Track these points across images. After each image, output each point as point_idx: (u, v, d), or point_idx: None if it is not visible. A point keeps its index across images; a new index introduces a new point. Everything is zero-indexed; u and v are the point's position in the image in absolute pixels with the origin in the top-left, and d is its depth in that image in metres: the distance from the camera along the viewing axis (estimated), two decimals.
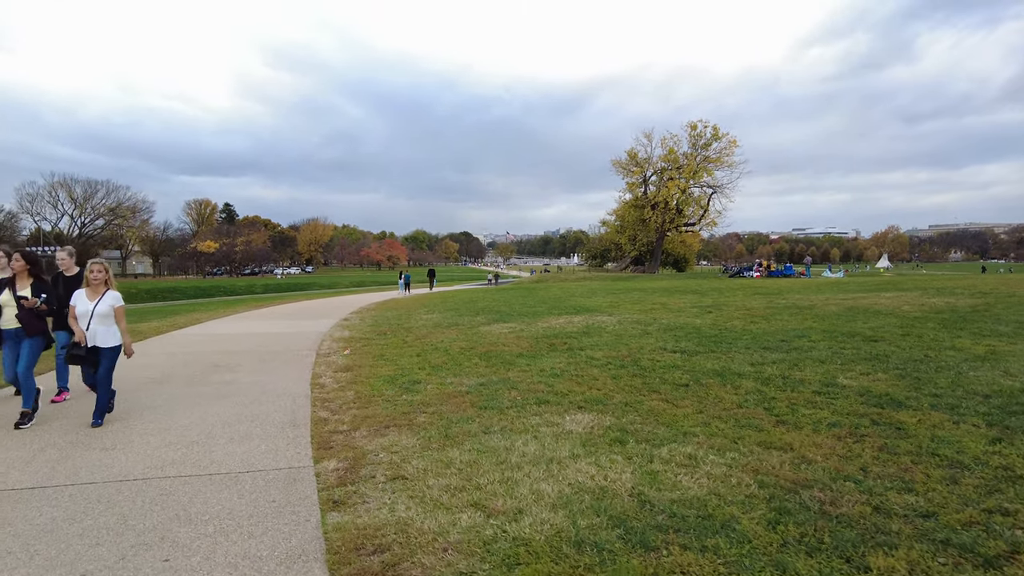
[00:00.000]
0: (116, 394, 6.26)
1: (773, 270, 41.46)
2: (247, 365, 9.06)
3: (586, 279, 43.87)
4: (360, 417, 5.72)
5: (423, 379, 7.44)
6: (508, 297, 24.36)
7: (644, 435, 4.75)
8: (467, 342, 10.70)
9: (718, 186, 52.88)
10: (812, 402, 5.64)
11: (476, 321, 14.57)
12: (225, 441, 5.09)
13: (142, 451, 4.85)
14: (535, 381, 6.98)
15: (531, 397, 6.20)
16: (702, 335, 10.39)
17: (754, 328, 11.16)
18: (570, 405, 5.83)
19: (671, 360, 8.07)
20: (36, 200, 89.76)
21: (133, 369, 8.73)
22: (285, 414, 6.04)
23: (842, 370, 7.03)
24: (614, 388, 6.51)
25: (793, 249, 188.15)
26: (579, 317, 14.08)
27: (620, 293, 22.83)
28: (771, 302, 16.82)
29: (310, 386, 7.48)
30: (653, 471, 3.96)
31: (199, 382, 7.75)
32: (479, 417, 5.47)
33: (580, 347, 9.47)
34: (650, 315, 14.15)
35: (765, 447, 4.38)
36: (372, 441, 4.92)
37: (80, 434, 5.37)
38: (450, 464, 4.21)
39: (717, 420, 5.15)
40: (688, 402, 5.82)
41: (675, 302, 17.85)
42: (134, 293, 50.65)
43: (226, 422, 5.74)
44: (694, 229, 56.71)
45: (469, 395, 6.40)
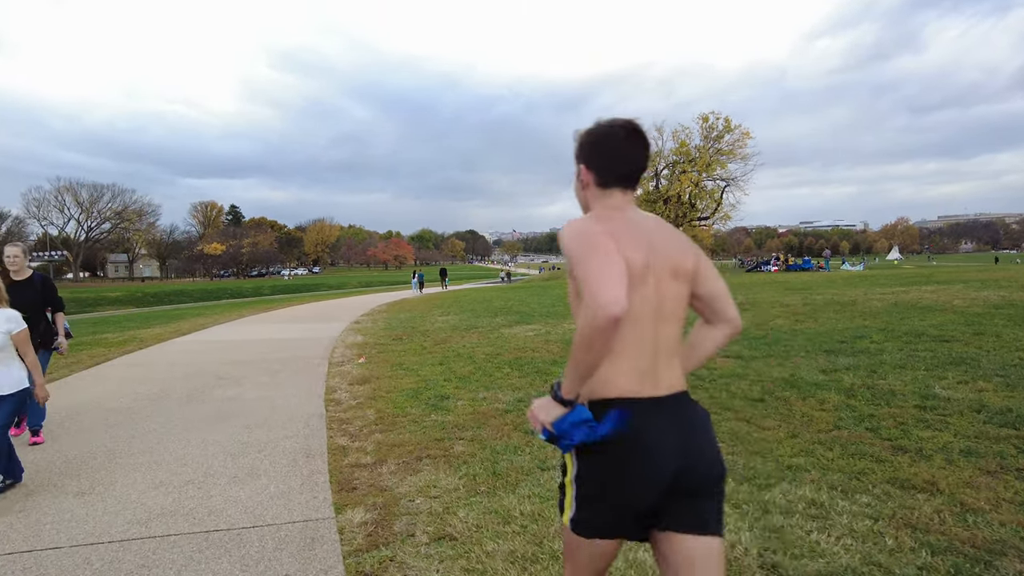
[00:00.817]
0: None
1: (791, 264, 40.41)
2: (253, 377, 8.21)
3: None
4: (385, 445, 4.84)
5: (451, 393, 6.56)
6: (523, 296, 23.48)
7: (741, 472, 3.85)
8: (492, 347, 9.82)
9: (731, 179, 51.67)
10: (922, 420, 4.73)
11: (496, 323, 13.69)
12: (227, 481, 4.23)
13: (124, 496, 3.98)
14: None
15: None
16: (750, 336, 9.48)
17: (803, 328, 10.24)
18: None
19: (729, 367, 7.16)
20: (43, 205, 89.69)
21: (129, 383, 7.90)
22: (297, 440, 5.17)
23: (932, 377, 6.12)
24: None
25: (802, 243, 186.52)
26: None
27: None
28: (806, 298, 15.88)
29: (324, 403, 6.62)
30: (776, 527, 3.06)
31: (199, 398, 6.90)
32: (529, 446, 4.58)
33: None
34: None
35: (902, 487, 3.48)
36: (404, 480, 4.04)
37: (52, 473, 4.51)
38: (509, 518, 3.33)
39: (820, 447, 4.25)
40: (772, 422, 4.92)
41: None
42: (140, 297, 50.03)
43: (228, 452, 4.87)
44: (708, 223, 55.52)
45: (509, 415, 5.52)
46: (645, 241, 1.56)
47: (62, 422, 6.02)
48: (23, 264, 5.42)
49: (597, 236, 1.49)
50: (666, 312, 1.57)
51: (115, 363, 9.87)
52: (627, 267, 1.46)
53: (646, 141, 1.69)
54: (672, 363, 1.59)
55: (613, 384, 1.52)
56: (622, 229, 1.56)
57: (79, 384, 8.06)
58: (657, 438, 1.49)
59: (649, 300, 1.54)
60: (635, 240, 1.55)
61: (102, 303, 45.94)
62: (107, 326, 18.47)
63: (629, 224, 1.59)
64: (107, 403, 6.80)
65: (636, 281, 1.50)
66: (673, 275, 1.59)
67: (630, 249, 1.51)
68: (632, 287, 1.46)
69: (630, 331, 1.51)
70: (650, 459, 1.48)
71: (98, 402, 6.85)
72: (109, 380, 8.27)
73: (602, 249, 1.45)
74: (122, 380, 8.21)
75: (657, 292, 1.55)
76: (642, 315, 1.53)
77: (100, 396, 7.18)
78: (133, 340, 13.01)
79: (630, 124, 1.67)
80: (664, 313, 1.56)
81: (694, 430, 1.55)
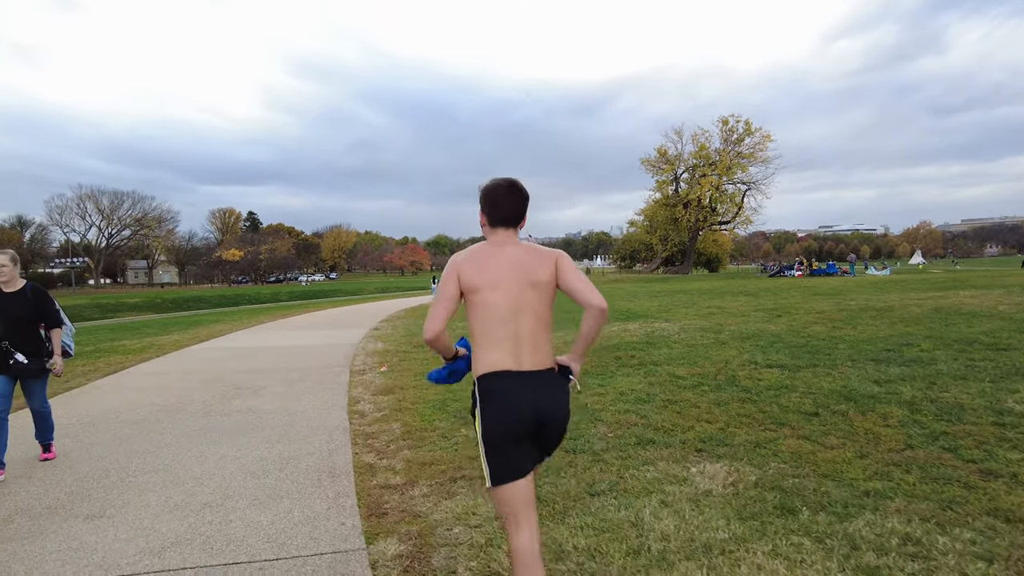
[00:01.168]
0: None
1: (815, 268, 39.61)
2: (273, 387, 7.92)
3: (618, 281, 42.41)
4: (415, 463, 4.50)
5: None
6: None
7: (814, 498, 3.46)
8: None
9: (752, 182, 51.10)
10: (1004, 439, 4.30)
11: None
12: (247, 503, 3.90)
13: (137, 521, 3.67)
14: (621, 410, 5.72)
15: (626, 434, 4.93)
16: (788, 344, 9.04)
17: (843, 335, 9.77)
18: (684, 447, 4.55)
19: (774, 378, 6.75)
20: (65, 212, 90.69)
21: (146, 393, 7.65)
22: (321, 457, 4.85)
23: (1001, 390, 5.67)
24: (727, 419, 5.22)
25: (822, 247, 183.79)
26: (633, 324, 12.77)
27: (664, 296, 21.46)
28: (839, 304, 15.37)
29: (347, 414, 6.31)
30: (871, 567, 2.67)
31: (217, 410, 6.61)
32: (572, 466, 4.22)
33: (653, 361, 8.17)
34: (712, 320, 12.80)
35: (1007, 520, 3.06)
36: (439, 504, 3.69)
37: (62, 493, 4.21)
38: (561, 553, 2.96)
39: (895, 469, 3.85)
40: (835, 439, 4.51)
41: (731, 305, 16.46)
42: (159, 303, 50.30)
43: (248, 470, 4.56)
44: (729, 227, 54.88)
45: None
46: (505, 265, 2.22)
47: (77, 434, 5.76)
48: (13, 274, 4.81)
49: (446, 276, 2.24)
50: (525, 310, 2.21)
51: (133, 371, 9.64)
52: (472, 287, 2.20)
53: (522, 195, 2.34)
54: (536, 347, 2.22)
55: (484, 363, 2.21)
56: (478, 262, 2.24)
57: (96, 393, 7.82)
58: (515, 398, 2.14)
59: (509, 302, 2.19)
60: (488, 268, 2.22)
61: (122, 309, 46.22)
62: (126, 332, 18.35)
63: (496, 254, 2.26)
64: (123, 414, 6.54)
65: (486, 294, 2.19)
66: (532, 286, 2.23)
67: (478, 275, 2.21)
68: (480, 296, 2.20)
69: (492, 326, 2.20)
70: (510, 406, 2.14)
71: (114, 413, 6.59)
72: (126, 389, 8.02)
73: (441, 294, 2.23)
74: (139, 389, 7.95)
75: (515, 297, 2.19)
76: (500, 315, 2.19)
77: (116, 406, 6.92)
78: (151, 347, 12.82)
79: (510, 182, 2.33)
80: (523, 310, 2.21)
81: (546, 392, 2.20)
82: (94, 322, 34.38)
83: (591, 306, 2.24)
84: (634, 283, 37.97)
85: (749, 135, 50.76)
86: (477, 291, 2.21)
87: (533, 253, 2.28)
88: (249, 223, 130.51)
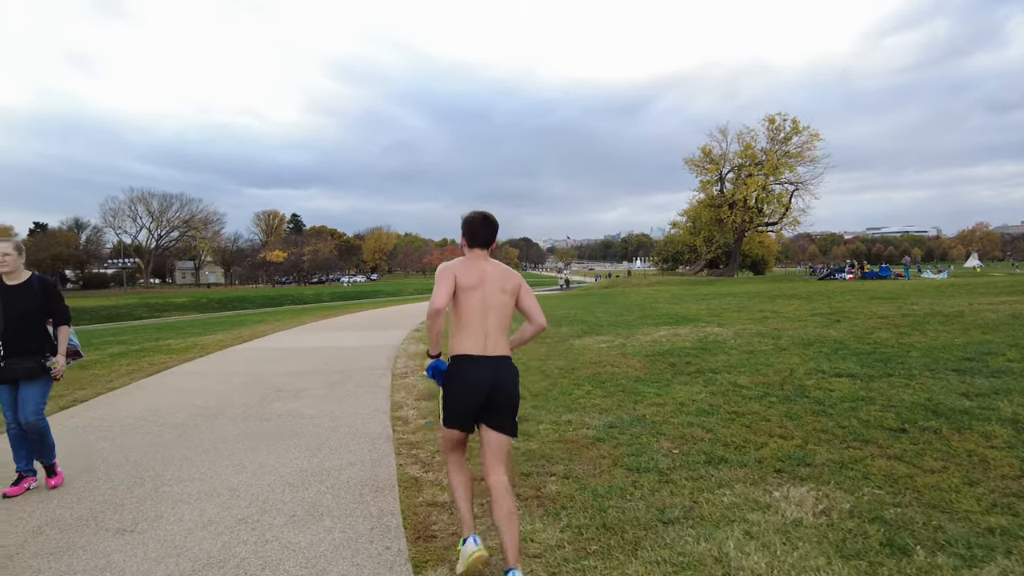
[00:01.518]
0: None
1: (867, 271, 38.08)
2: (313, 390, 7.70)
3: (661, 283, 41.54)
4: None
5: (529, 414, 5.85)
6: (586, 303, 22.64)
7: (927, 534, 2.99)
8: (564, 360, 9.07)
9: (800, 182, 49.49)
10: None
11: (563, 333, 12.93)
12: (284, 520, 3.61)
13: (169, 537, 3.41)
14: (684, 423, 5.28)
15: (693, 450, 4.50)
16: (854, 351, 8.44)
17: (913, 342, 9.09)
18: (760, 466, 4.11)
19: (846, 388, 6.21)
20: (118, 214, 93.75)
21: (187, 395, 7.50)
22: (363, 468, 4.55)
23: None
24: (802, 435, 4.74)
25: (870, 249, 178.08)
26: (684, 328, 12.23)
27: (711, 299, 20.75)
28: (901, 308, 14.52)
29: (390, 420, 6.02)
30: None
31: (257, 414, 6.40)
32: (638, 487, 3.81)
33: (711, 369, 7.69)
34: (767, 325, 12.18)
35: None
36: (493, 529, 3.33)
37: (95, 502, 4.00)
38: None
39: (1018, 501, 3.34)
40: (933, 461, 4.00)
41: (785, 309, 15.73)
42: (205, 303, 51.37)
43: (287, 482, 4.28)
44: (775, 228, 53.33)
45: (603, 444, 4.76)
46: (478, 274, 2.94)
47: (115, 437, 5.59)
48: (17, 264, 4.29)
49: (442, 272, 2.91)
50: (492, 309, 2.93)
51: (175, 371, 9.57)
52: (460, 286, 2.90)
53: (493, 225, 3.05)
54: (498, 339, 2.92)
55: (460, 347, 2.90)
56: (466, 268, 2.95)
57: (138, 394, 7.71)
58: (476, 373, 2.85)
59: (480, 303, 2.91)
60: (472, 273, 2.94)
61: (169, 308, 47.33)
62: (171, 332, 18.57)
63: (473, 266, 2.97)
64: (163, 416, 6.38)
65: (469, 293, 2.90)
66: (500, 291, 2.96)
67: (466, 278, 2.92)
68: (464, 296, 2.90)
69: (469, 319, 2.90)
70: (470, 382, 2.85)
71: (154, 415, 6.43)
72: (168, 390, 7.90)
73: (441, 279, 2.89)
74: (180, 391, 7.82)
75: (486, 299, 2.92)
76: (476, 311, 2.91)
77: (156, 408, 6.78)
78: (195, 347, 12.82)
79: (484, 215, 3.06)
80: (491, 309, 2.92)
81: (501, 374, 2.88)
82: (142, 321, 35.22)
83: (536, 322, 3.08)
84: (678, 285, 37.09)
85: (797, 134, 49.22)
86: (462, 290, 2.93)
87: (500, 268, 3.07)
88: (293, 225, 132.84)
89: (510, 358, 2.97)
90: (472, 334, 2.89)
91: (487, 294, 2.92)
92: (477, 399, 2.85)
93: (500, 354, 2.92)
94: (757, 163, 49.25)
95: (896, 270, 39.55)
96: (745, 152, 49.89)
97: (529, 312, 3.06)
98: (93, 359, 11.34)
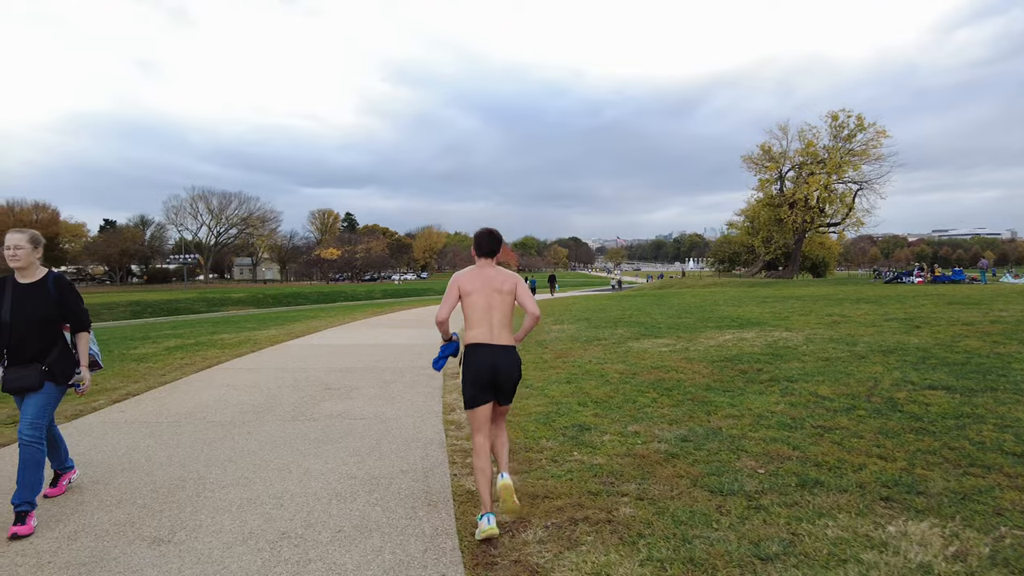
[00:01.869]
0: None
1: (939, 274, 36.07)
2: (364, 388, 7.45)
3: (717, 285, 40.31)
4: (525, 495, 3.77)
5: (591, 423, 5.43)
6: (640, 305, 21.97)
7: None
8: (624, 364, 8.60)
9: (864, 181, 47.25)
10: None
11: (619, 335, 12.43)
12: (330, 536, 3.30)
13: (206, 551, 3.13)
14: (765, 437, 4.77)
15: (782, 470, 4.01)
16: (944, 361, 7.69)
17: (1011, 352, 8.26)
18: (863, 492, 3.58)
19: (944, 403, 5.57)
20: (180, 212, 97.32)
21: (237, 391, 7.35)
22: (416, 478, 4.22)
23: None
24: (906, 456, 4.18)
25: (936, 252, 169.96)
26: (749, 332, 11.57)
27: (773, 302, 19.82)
28: (987, 314, 13.45)
29: (443, 424, 5.69)
30: None
31: (306, 414, 6.16)
32: (724, 513, 3.35)
33: (787, 377, 7.10)
34: (839, 330, 11.40)
35: None
36: (560, 557, 2.94)
37: (134, 507, 3.77)
38: None
39: None
40: None
41: (854, 313, 14.82)
42: (261, 298, 52.56)
43: (334, 491, 3.98)
44: (838, 229, 51.11)
45: (677, 460, 4.30)
46: (481, 279, 3.63)
47: (162, 435, 5.42)
48: (31, 259, 3.72)
49: (450, 285, 3.64)
50: (495, 307, 3.58)
51: (227, 366, 9.50)
52: (466, 291, 3.60)
53: (497, 239, 3.78)
54: (502, 331, 3.57)
55: (472, 338, 3.54)
56: (473, 275, 3.65)
57: (188, 389, 7.61)
58: (484, 358, 3.48)
59: (485, 301, 3.57)
60: (476, 280, 3.62)
61: (226, 303, 48.55)
62: (226, 326, 18.81)
63: (480, 273, 3.65)
64: (211, 414, 6.21)
65: (475, 295, 3.58)
66: (499, 292, 3.61)
67: (471, 284, 3.61)
68: (470, 299, 3.59)
69: (477, 316, 3.56)
70: (480, 364, 3.47)
71: (202, 412, 6.27)
72: (218, 386, 7.78)
73: (448, 294, 3.62)
74: (230, 387, 7.69)
75: (489, 299, 3.58)
76: (482, 308, 3.56)
77: (205, 404, 6.63)
78: (248, 342, 12.84)
79: (489, 231, 3.79)
80: (494, 307, 3.58)
81: (505, 359, 3.51)
82: (200, 315, 36.12)
83: (529, 312, 3.64)
84: (736, 287, 35.88)
85: (861, 130, 46.96)
86: (468, 295, 3.59)
87: (501, 273, 3.67)
88: (346, 223, 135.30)
89: (513, 348, 3.60)
90: (481, 328, 3.55)
91: (490, 295, 3.60)
92: (486, 376, 3.47)
93: (504, 343, 3.56)
94: (819, 161, 47.26)
95: (971, 274, 37.34)
96: (806, 150, 47.94)
97: (524, 306, 3.66)
98: (149, 352, 11.44)
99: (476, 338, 3.54)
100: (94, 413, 6.30)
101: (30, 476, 3.52)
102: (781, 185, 50.12)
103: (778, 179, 50.24)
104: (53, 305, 3.72)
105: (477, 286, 3.59)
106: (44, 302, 3.69)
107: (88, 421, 5.98)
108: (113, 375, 8.69)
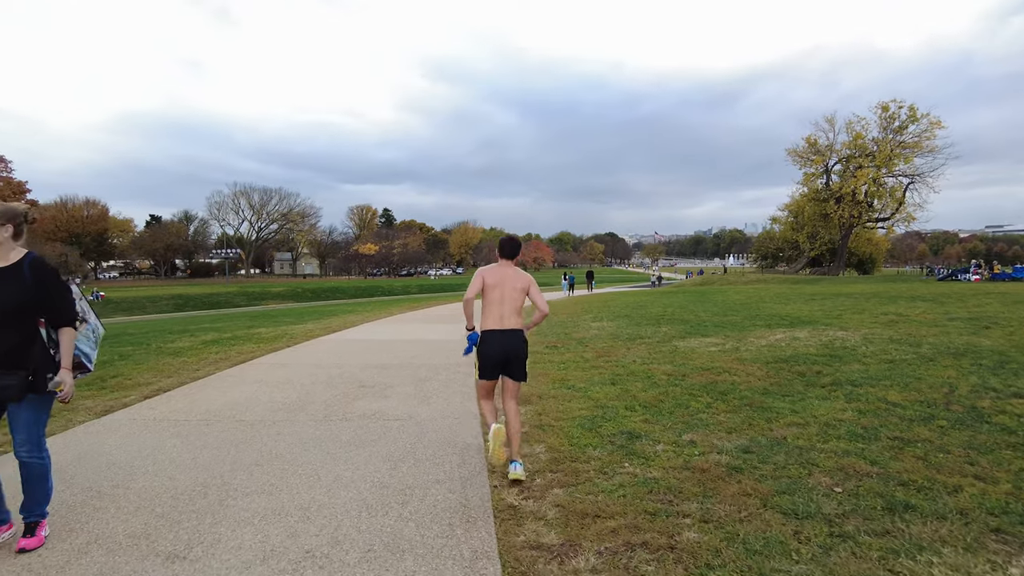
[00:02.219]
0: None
1: (998, 272, 34.40)
2: (399, 387, 7.16)
3: (761, 281, 39.22)
4: (573, 512, 3.40)
5: (641, 430, 5.02)
6: (681, 302, 21.35)
7: None
8: (671, 365, 8.14)
9: (916, 174, 45.39)
10: None
11: (662, 333, 11.93)
12: (358, 556, 2.98)
13: (223, 570, 2.84)
14: (837, 450, 4.30)
15: (862, 490, 3.55)
16: None
17: None
18: (966, 521, 3.11)
19: None
20: (222, 208, 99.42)
21: (269, 388, 7.14)
22: (452, 488, 3.88)
23: None
24: (1010, 477, 3.68)
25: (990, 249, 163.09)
26: (802, 331, 10.97)
27: (822, 299, 19.02)
28: None
29: (481, 428, 5.35)
30: None
31: (338, 413, 5.89)
32: (804, 543, 2.93)
33: (849, 381, 6.57)
34: (898, 330, 10.72)
35: None
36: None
37: (151, 515, 3.52)
38: None
39: None
40: None
41: (911, 312, 14.02)
42: (300, 292, 53.16)
43: (365, 502, 3.67)
44: (887, 225, 49.30)
45: (742, 476, 3.87)
46: (500, 276, 4.28)
47: (188, 434, 5.20)
48: (6, 239, 3.10)
49: (476, 274, 4.33)
50: (507, 300, 4.22)
51: (262, 361, 9.34)
52: (487, 284, 4.26)
53: (516, 244, 4.51)
54: (511, 318, 4.21)
55: (485, 325, 4.21)
56: (495, 271, 4.30)
57: (220, 385, 7.43)
58: (494, 341, 4.18)
59: (499, 295, 4.22)
60: (496, 276, 4.28)
61: (266, 296, 49.22)
62: (264, 320, 18.85)
63: (498, 271, 4.31)
64: (240, 412, 5.99)
65: (492, 289, 4.24)
66: (513, 289, 4.25)
67: (491, 278, 4.26)
68: (489, 291, 4.25)
69: (491, 306, 4.23)
70: (491, 345, 4.19)
71: (231, 411, 6.06)
72: (251, 382, 7.59)
73: (474, 279, 4.32)
74: (262, 383, 7.49)
75: (504, 293, 4.23)
76: (496, 300, 4.22)
77: (236, 402, 6.42)
78: (284, 336, 12.73)
79: (510, 237, 4.52)
80: (507, 300, 4.22)
81: (512, 340, 4.19)
82: (240, 308, 36.60)
83: (540, 309, 4.37)
84: (780, 284, 34.81)
85: (914, 121, 45.09)
86: (489, 287, 4.26)
87: (518, 273, 4.35)
88: (384, 219, 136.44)
89: (521, 331, 4.26)
90: (493, 316, 4.21)
91: (504, 290, 4.24)
92: (497, 356, 4.18)
93: (512, 327, 4.21)
94: (868, 154, 45.59)
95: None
96: (854, 142, 46.27)
97: (535, 302, 4.35)
98: (185, 345, 11.39)
99: (489, 325, 4.22)
100: (124, 410, 6.14)
101: (38, 490, 3.20)
102: (827, 179, 48.54)
103: (824, 173, 48.68)
104: (28, 292, 3.07)
105: (497, 280, 4.26)
106: (19, 288, 3.05)
107: (117, 418, 5.81)
108: (147, 369, 8.60)
